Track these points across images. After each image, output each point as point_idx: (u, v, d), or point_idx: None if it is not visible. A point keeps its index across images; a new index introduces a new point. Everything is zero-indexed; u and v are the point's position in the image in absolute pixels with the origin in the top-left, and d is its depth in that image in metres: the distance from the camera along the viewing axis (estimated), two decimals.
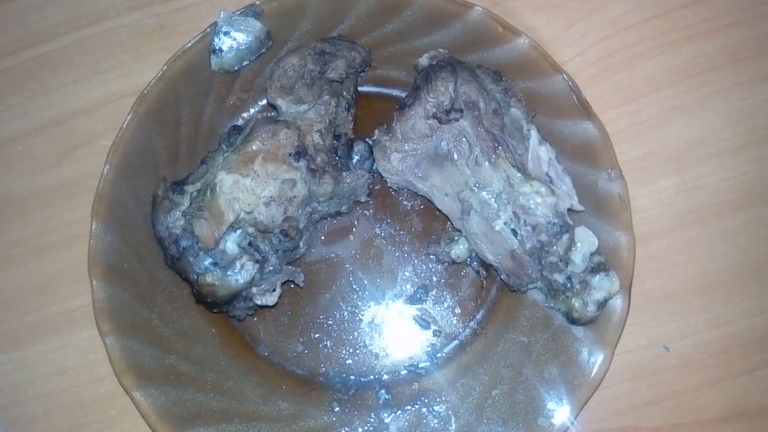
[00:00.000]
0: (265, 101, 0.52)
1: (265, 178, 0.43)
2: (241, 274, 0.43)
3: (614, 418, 0.49)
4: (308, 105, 0.45)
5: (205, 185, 0.44)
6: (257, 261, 0.44)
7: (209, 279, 0.43)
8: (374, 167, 0.49)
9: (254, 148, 0.43)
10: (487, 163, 0.43)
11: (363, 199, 0.50)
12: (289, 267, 0.47)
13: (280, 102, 0.46)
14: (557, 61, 0.49)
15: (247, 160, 0.43)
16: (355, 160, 0.50)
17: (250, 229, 0.43)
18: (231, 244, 0.43)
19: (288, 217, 0.44)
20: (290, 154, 0.44)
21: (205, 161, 0.45)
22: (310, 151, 0.45)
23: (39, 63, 0.55)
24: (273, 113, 0.50)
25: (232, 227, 0.43)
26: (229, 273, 0.43)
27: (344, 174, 0.47)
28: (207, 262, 0.43)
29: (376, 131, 0.47)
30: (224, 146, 0.45)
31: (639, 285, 0.48)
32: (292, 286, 0.49)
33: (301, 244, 0.47)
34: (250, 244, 0.44)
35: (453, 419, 0.47)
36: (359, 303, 0.50)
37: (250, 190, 0.43)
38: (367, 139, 0.50)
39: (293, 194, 0.44)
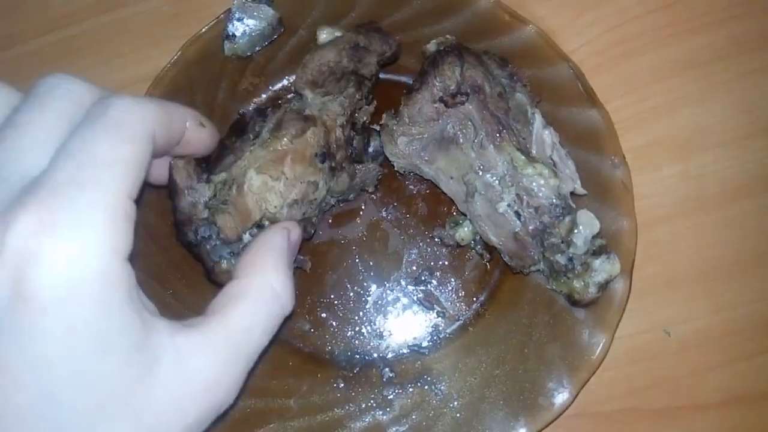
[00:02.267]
0: (276, 87, 0.53)
1: (293, 180, 0.43)
2: None
3: (614, 401, 0.50)
4: (333, 96, 0.46)
5: (231, 179, 0.44)
6: None
7: (225, 266, 0.44)
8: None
9: (283, 146, 0.43)
10: (491, 146, 0.44)
11: (371, 189, 0.51)
12: (298, 255, 0.48)
13: (307, 92, 0.46)
14: (564, 51, 0.50)
15: (277, 160, 0.43)
16: (370, 151, 0.50)
17: (266, 223, 0.44)
18: (248, 237, 0.44)
19: (306, 218, 0.45)
20: (316, 155, 0.44)
21: (228, 147, 0.45)
22: (332, 149, 0.45)
23: (60, 47, 0.57)
24: (292, 95, 0.51)
25: (257, 225, 0.44)
26: None
27: (358, 168, 0.48)
28: (224, 252, 0.44)
29: (384, 116, 0.48)
30: (251, 135, 0.45)
31: (641, 270, 0.49)
32: (299, 268, 0.50)
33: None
34: None
35: (455, 397, 0.48)
36: (365, 284, 0.51)
37: (278, 193, 0.43)
38: (375, 126, 0.51)
39: (314, 197, 0.45)
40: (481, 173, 0.44)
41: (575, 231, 0.44)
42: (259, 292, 0.33)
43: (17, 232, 0.25)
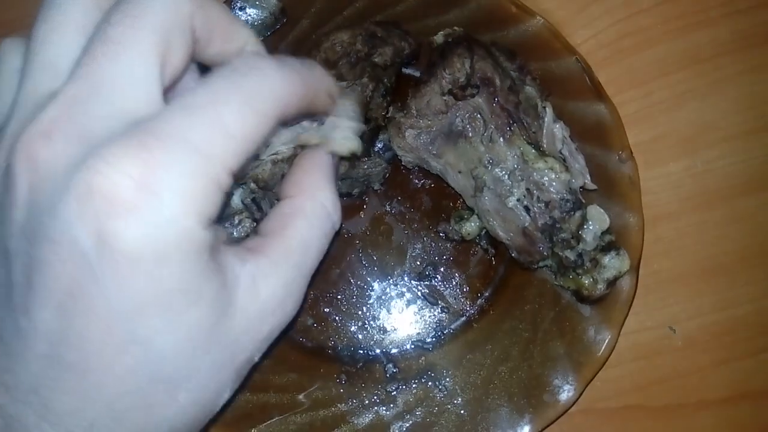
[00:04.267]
0: None
1: (281, 137, 0.43)
2: (237, 229, 0.43)
3: (619, 397, 0.49)
4: (347, 83, 0.45)
5: None
6: (255, 220, 0.43)
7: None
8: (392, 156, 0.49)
9: None
10: (501, 139, 0.43)
11: (376, 187, 0.50)
12: None
13: None
14: (570, 43, 0.50)
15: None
16: (377, 147, 0.50)
17: (252, 185, 0.43)
18: (236, 198, 0.43)
19: None
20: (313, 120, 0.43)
21: None
22: None
23: None
24: None
25: (237, 183, 0.43)
26: (226, 225, 0.43)
27: (364, 161, 0.47)
28: None
29: (391, 108, 0.47)
30: None
31: (646, 266, 0.48)
32: None
33: None
34: (253, 200, 0.44)
35: (459, 393, 0.47)
36: (368, 278, 0.50)
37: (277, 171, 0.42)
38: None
39: None
40: (490, 167, 0.43)
41: (585, 226, 0.43)
42: (313, 211, 0.33)
43: (112, 176, 0.24)
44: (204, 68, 0.32)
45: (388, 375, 0.48)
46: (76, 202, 0.24)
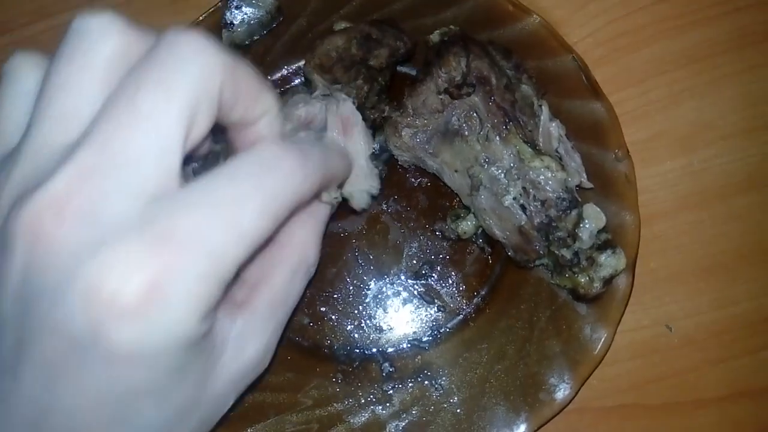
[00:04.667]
0: (275, 76, 0.52)
1: None
2: None
3: (615, 396, 0.49)
4: (341, 86, 0.45)
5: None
6: None
7: None
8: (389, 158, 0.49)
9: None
10: (497, 138, 0.43)
11: (374, 192, 0.46)
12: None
13: (315, 77, 0.45)
14: (567, 42, 0.49)
15: None
16: (374, 147, 0.49)
17: None
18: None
19: None
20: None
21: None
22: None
23: (53, 34, 0.55)
24: (299, 81, 0.51)
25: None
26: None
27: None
28: (193, 164, 0.43)
29: (387, 108, 0.47)
30: None
31: (643, 265, 0.48)
32: None
33: None
34: None
35: (455, 392, 0.47)
36: (365, 277, 0.50)
37: None
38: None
39: None
40: (486, 166, 0.43)
41: (581, 225, 0.43)
42: (296, 263, 0.34)
43: (122, 277, 0.23)
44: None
45: (384, 374, 0.48)
46: (80, 296, 0.23)
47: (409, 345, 0.49)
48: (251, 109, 0.29)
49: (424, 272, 0.50)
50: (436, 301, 0.50)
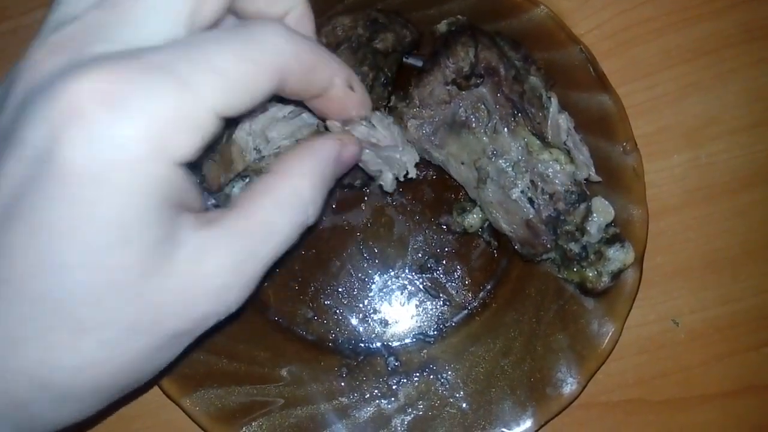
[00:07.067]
0: None
1: (281, 131, 0.42)
2: None
3: (622, 391, 0.49)
4: None
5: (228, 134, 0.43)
6: None
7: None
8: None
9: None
10: (505, 130, 0.42)
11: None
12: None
13: None
14: (575, 34, 0.49)
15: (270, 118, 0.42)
16: None
17: (255, 177, 0.43)
18: (237, 190, 0.43)
19: None
20: (317, 127, 0.43)
21: None
22: None
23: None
24: None
25: (240, 176, 0.42)
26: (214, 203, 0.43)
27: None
28: (210, 202, 0.43)
29: (393, 98, 0.47)
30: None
31: (649, 260, 0.48)
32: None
33: None
34: None
35: (461, 387, 0.47)
36: (369, 271, 0.50)
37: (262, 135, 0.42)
38: (380, 110, 0.49)
39: None
40: (493, 158, 0.43)
41: (589, 219, 0.43)
42: (284, 193, 0.30)
43: (76, 89, 0.23)
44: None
45: (389, 368, 0.48)
46: (42, 106, 0.23)
47: (414, 339, 0.49)
48: (271, 4, 0.31)
49: (429, 266, 0.50)
50: (441, 295, 0.50)
